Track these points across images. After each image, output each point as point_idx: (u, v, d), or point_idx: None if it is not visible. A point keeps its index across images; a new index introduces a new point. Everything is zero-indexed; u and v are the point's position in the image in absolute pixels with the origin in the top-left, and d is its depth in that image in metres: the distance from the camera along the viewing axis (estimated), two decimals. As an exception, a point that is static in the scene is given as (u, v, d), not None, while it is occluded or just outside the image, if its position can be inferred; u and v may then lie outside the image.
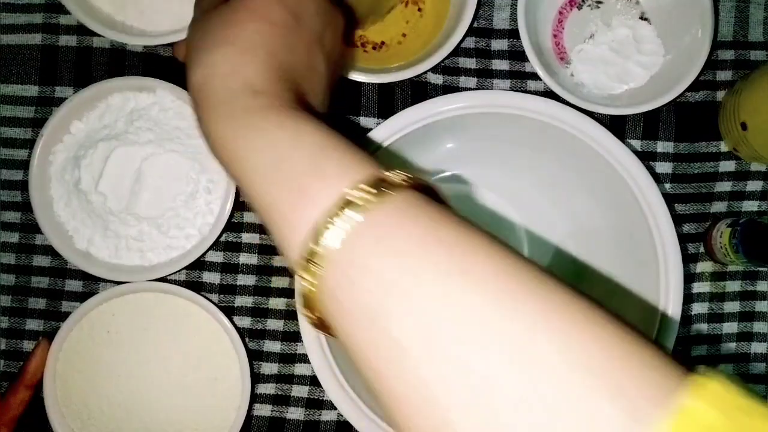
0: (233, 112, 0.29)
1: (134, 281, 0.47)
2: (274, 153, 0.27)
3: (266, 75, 0.30)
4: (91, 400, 0.48)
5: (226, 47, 0.30)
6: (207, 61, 0.30)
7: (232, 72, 0.30)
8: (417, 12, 0.49)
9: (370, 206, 0.24)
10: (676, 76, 0.47)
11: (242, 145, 0.28)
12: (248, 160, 0.27)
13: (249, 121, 0.28)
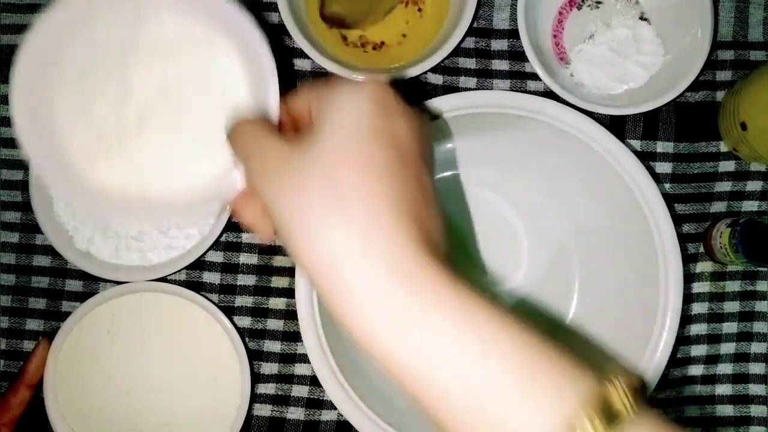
0: (390, 315, 0.24)
1: (134, 281, 0.47)
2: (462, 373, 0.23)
3: (405, 253, 0.25)
4: (91, 400, 0.48)
5: (342, 224, 0.25)
6: (323, 247, 0.25)
7: (361, 255, 0.25)
8: (417, 12, 0.49)
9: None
10: (676, 76, 0.47)
11: (414, 355, 0.24)
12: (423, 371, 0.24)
13: (415, 328, 0.24)
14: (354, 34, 0.49)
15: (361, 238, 0.25)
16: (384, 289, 0.24)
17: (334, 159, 0.26)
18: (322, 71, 0.50)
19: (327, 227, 0.25)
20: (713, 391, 0.51)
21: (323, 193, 0.26)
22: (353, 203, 0.25)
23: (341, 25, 0.48)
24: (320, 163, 0.26)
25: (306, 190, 0.26)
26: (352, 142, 0.26)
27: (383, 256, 0.25)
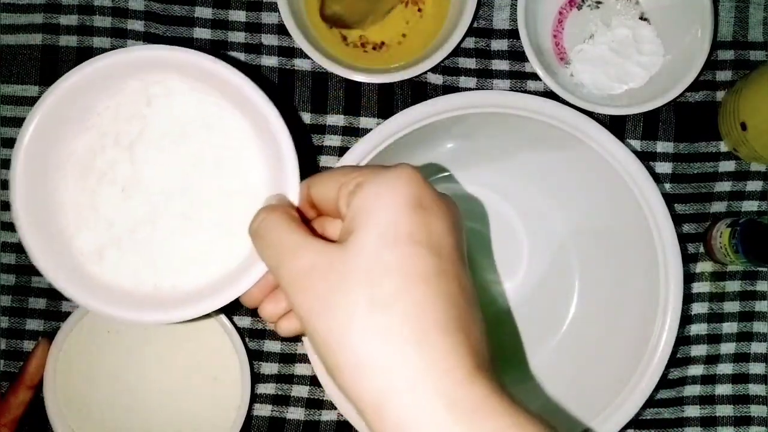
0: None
1: (134, 281, 0.47)
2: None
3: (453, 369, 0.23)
4: (91, 400, 0.48)
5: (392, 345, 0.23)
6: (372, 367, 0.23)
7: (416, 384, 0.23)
8: (417, 12, 0.49)
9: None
10: (676, 76, 0.47)
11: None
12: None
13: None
14: (354, 34, 0.49)
15: (412, 368, 0.23)
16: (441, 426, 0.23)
17: (375, 264, 0.24)
18: (322, 71, 0.50)
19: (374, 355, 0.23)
20: (713, 391, 0.51)
21: (365, 302, 0.24)
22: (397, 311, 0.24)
23: (341, 25, 0.48)
24: (360, 268, 0.25)
25: (345, 306, 0.24)
26: (393, 245, 0.25)
27: (435, 385, 0.23)
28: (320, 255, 0.26)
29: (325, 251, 0.26)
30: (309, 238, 0.27)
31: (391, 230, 0.25)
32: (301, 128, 0.50)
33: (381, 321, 0.24)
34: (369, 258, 0.25)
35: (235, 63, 0.50)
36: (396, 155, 0.44)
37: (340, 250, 0.25)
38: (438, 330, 0.24)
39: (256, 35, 0.50)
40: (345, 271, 0.25)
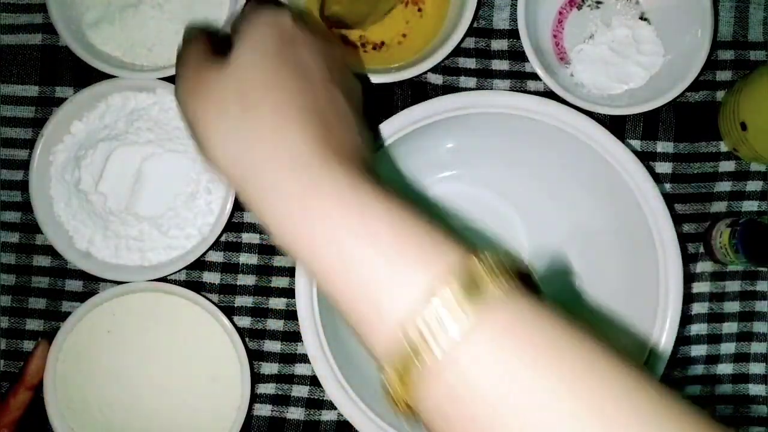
0: (286, 199, 0.27)
1: (134, 281, 0.47)
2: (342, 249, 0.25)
3: (307, 146, 0.28)
4: (91, 400, 0.48)
5: (255, 123, 0.29)
6: (237, 142, 0.29)
7: (270, 152, 0.28)
8: (417, 12, 0.49)
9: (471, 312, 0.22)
10: (676, 76, 0.47)
11: (306, 237, 0.27)
12: (315, 253, 0.26)
13: (306, 210, 0.27)
14: (354, 34, 0.49)
15: (267, 140, 0.28)
16: (285, 181, 0.27)
17: (245, 76, 0.30)
18: (322, 71, 0.50)
19: (237, 130, 0.29)
20: (713, 391, 0.51)
21: (235, 105, 0.29)
22: (261, 110, 0.29)
23: (341, 26, 0.48)
24: (233, 79, 0.30)
25: (220, 103, 0.29)
26: (262, 62, 0.30)
27: (288, 152, 0.28)
28: (204, 70, 0.31)
29: (208, 71, 0.31)
30: (202, 62, 0.32)
31: (261, 50, 0.30)
32: None
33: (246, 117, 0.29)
34: (242, 65, 0.30)
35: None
36: (396, 155, 0.44)
37: (219, 68, 0.30)
38: (296, 116, 0.29)
39: (256, 35, 0.50)
40: (223, 76, 0.30)
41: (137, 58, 0.48)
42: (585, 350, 0.23)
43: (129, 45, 0.48)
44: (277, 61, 0.30)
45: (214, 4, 0.48)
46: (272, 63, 0.30)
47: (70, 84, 0.50)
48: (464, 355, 0.22)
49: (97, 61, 0.46)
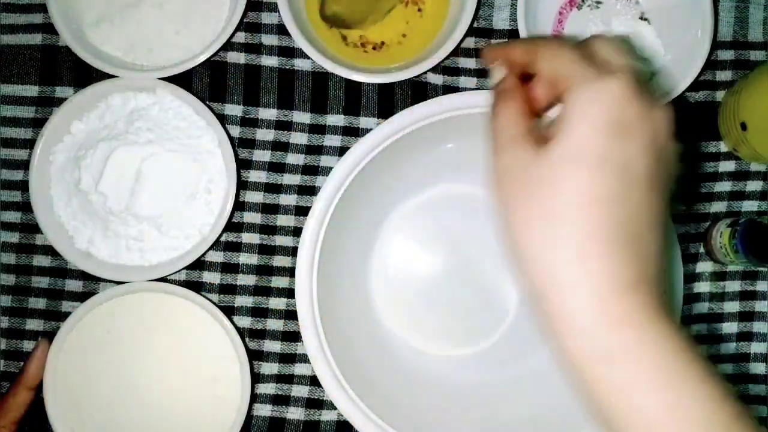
0: (592, 352, 0.26)
1: (134, 281, 0.47)
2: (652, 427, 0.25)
3: (613, 288, 0.26)
4: (91, 400, 0.48)
5: (560, 251, 0.27)
6: (541, 267, 0.27)
7: (573, 286, 0.26)
8: (417, 12, 0.49)
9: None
10: (676, 76, 0.47)
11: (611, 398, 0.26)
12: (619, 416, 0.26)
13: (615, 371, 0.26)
14: (354, 34, 0.49)
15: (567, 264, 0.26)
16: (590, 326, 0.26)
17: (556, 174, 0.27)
18: (322, 71, 0.50)
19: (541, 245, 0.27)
20: (713, 391, 0.50)
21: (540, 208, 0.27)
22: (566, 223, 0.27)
23: (341, 25, 0.48)
24: (544, 175, 0.27)
25: (527, 200, 0.28)
26: (578, 161, 0.27)
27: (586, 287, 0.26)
28: (520, 159, 0.29)
29: (524, 156, 0.28)
30: (520, 139, 0.29)
31: (581, 150, 0.27)
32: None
33: (548, 230, 0.27)
34: (554, 172, 0.27)
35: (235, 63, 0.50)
36: (396, 155, 0.44)
37: (536, 158, 0.28)
38: (599, 247, 0.26)
39: (256, 35, 0.50)
40: (531, 178, 0.28)
41: (137, 58, 0.48)
42: None
43: (129, 45, 0.48)
44: (598, 162, 0.27)
45: (214, 4, 0.48)
46: (594, 163, 0.27)
47: (70, 84, 0.50)
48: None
49: (97, 61, 0.46)
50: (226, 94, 0.50)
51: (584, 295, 0.26)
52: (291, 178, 0.50)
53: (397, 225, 0.49)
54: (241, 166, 0.50)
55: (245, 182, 0.50)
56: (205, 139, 0.47)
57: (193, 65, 0.46)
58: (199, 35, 0.48)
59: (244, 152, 0.50)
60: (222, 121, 0.48)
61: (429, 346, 0.49)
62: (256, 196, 0.50)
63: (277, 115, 0.50)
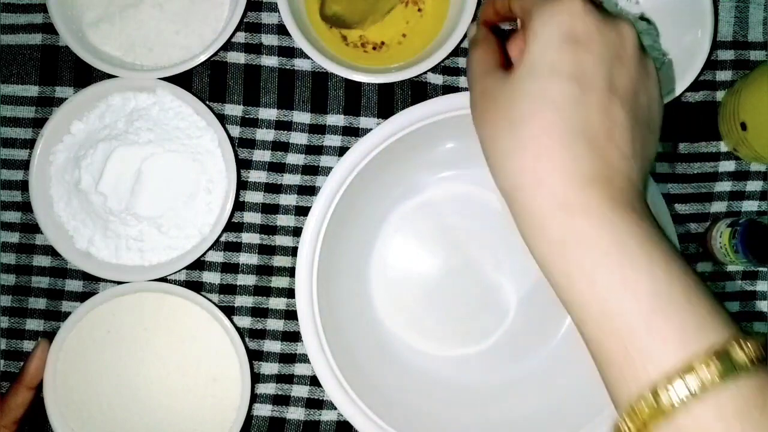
0: (552, 242, 0.29)
1: (134, 281, 0.47)
2: (602, 301, 0.27)
3: (570, 183, 0.28)
4: (91, 400, 0.48)
5: (521, 152, 0.29)
6: (508, 169, 0.30)
7: (535, 185, 0.29)
8: (417, 12, 0.49)
9: (716, 384, 0.24)
10: (676, 76, 0.47)
11: (566, 280, 0.28)
12: (574, 297, 0.28)
13: (569, 257, 0.28)
14: (354, 34, 0.49)
15: (529, 170, 0.29)
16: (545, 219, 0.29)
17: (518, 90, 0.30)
18: (322, 71, 0.50)
19: (508, 155, 0.30)
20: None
21: (504, 123, 0.30)
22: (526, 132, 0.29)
23: (341, 26, 0.48)
24: (508, 94, 0.31)
25: (495, 121, 0.31)
26: (537, 74, 0.30)
27: (547, 187, 0.29)
28: (490, 85, 0.32)
29: (494, 83, 0.32)
30: (490, 70, 0.33)
31: (537, 63, 0.30)
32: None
33: (514, 137, 0.30)
34: (515, 87, 0.30)
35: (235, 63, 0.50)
36: (396, 155, 0.44)
37: (504, 81, 0.31)
38: (555, 147, 0.29)
39: (256, 35, 0.50)
40: (500, 96, 0.31)
41: (137, 58, 0.48)
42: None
43: (129, 45, 0.48)
44: (551, 71, 0.29)
45: (214, 4, 0.48)
46: (547, 73, 0.30)
47: (70, 84, 0.50)
48: (705, 414, 0.24)
49: (97, 61, 0.46)
50: (226, 94, 0.50)
51: (545, 192, 0.29)
52: (291, 178, 0.50)
53: (397, 225, 0.49)
54: (241, 166, 0.50)
55: (245, 182, 0.50)
56: (205, 139, 0.47)
57: (193, 65, 0.46)
58: (199, 35, 0.48)
59: (244, 152, 0.50)
60: (222, 121, 0.48)
61: (429, 346, 0.49)
62: (256, 196, 0.50)
63: (277, 115, 0.50)
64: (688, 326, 0.25)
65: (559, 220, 0.28)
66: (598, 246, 0.27)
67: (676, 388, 0.24)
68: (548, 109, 0.29)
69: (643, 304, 0.26)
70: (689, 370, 0.24)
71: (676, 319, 0.26)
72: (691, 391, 0.24)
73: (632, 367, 0.26)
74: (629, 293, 0.26)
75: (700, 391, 0.24)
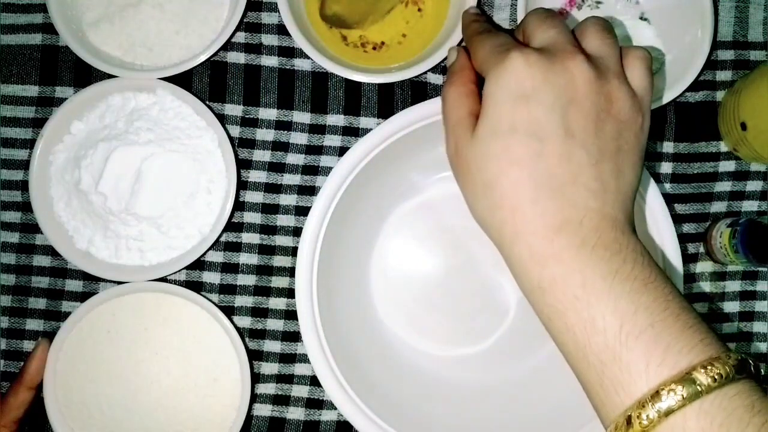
0: (532, 287, 0.31)
1: (134, 281, 0.47)
2: (576, 339, 0.30)
3: (541, 235, 0.31)
4: (91, 400, 0.48)
5: (500, 212, 0.32)
6: (492, 226, 0.33)
7: (513, 238, 0.31)
8: (417, 12, 0.49)
9: (681, 406, 0.26)
10: (676, 76, 0.47)
11: (547, 320, 0.31)
12: (556, 335, 0.31)
13: (546, 300, 0.31)
14: (354, 34, 0.49)
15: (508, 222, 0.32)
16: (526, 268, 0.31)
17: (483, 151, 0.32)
18: (322, 71, 0.50)
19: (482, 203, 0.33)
20: (713, 391, 0.51)
21: (479, 180, 0.33)
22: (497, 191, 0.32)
23: (341, 26, 0.48)
24: (476, 153, 0.33)
25: (467, 174, 0.34)
26: (497, 134, 0.32)
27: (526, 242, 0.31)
28: (461, 143, 0.34)
29: (463, 141, 0.34)
30: (462, 121, 0.34)
31: (495, 125, 0.32)
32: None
33: (489, 197, 0.32)
34: (480, 150, 0.32)
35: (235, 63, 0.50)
36: (396, 155, 0.44)
37: (470, 140, 0.33)
38: (525, 202, 0.31)
39: (256, 35, 0.50)
40: (471, 158, 0.33)
41: (137, 58, 0.48)
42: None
43: (129, 45, 0.48)
44: (510, 130, 0.31)
45: (215, 4, 0.48)
46: (507, 132, 0.31)
47: (70, 84, 0.50)
48: (686, 423, 0.26)
49: (97, 61, 0.46)
50: (226, 94, 0.50)
51: (522, 245, 0.31)
52: (291, 178, 0.50)
53: (397, 225, 0.49)
54: (241, 166, 0.50)
55: (245, 182, 0.50)
56: (205, 139, 0.47)
57: (193, 65, 0.46)
58: (199, 35, 0.48)
59: (244, 152, 0.50)
60: (222, 121, 0.48)
61: (429, 346, 0.49)
62: (256, 196, 0.50)
63: (277, 115, 0.50)
64: (653, 357, 0.27)
65: (536, 270, 0.31)
66: (567, 291, 0.30)
67: (647, 412, 0.26)
68: (513, 169, 0.31)
69: (609, 341, 0.28)
70: (657, 397, 0.26)
71: (641, 352, 0.27)
72: (658, 415, 0.26)
73: (608, 396, 0.28)
74: (598, 331, 0.28)
75: (666, 415, 0.26)
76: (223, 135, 0.47)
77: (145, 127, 0.47)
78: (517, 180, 0.31)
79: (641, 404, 0.26)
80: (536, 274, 0.31)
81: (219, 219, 0.47)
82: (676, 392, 0.26)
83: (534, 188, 0.31)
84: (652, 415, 0.26)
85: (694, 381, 0.26)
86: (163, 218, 0.47)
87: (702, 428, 0.25)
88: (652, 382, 0.27)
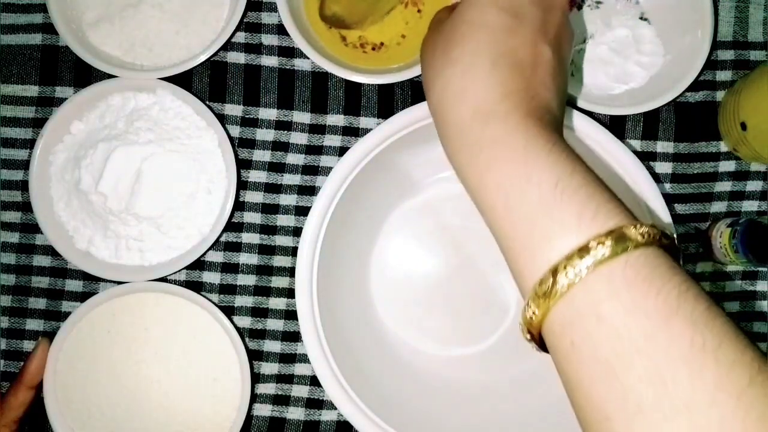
0: (468, 145, 0.30)
1: (134, 281, 0.47)
2: (507, 195, 0.29)
3: (491, 95, 0.31)
4: (91, 400, 0.48)
5: (451, 68, 0.32)
6: (437, 85, 0.32)
7: (459, 96, 0.31)
8: (416, 13, 0.49)
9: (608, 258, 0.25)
10: (676, 76, 0.47)
11: (478, 181, 0.30)
12: (485, 195, 0.30)
13: (481, 157, 0.30)
14: (353, 34, 0.49)
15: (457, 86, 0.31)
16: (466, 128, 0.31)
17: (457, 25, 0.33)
18: (322, 71, 0.50)
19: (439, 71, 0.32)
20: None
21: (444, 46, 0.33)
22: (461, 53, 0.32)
23: (341, 26, 0.48)
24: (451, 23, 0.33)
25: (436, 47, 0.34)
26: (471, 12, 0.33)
27: (472, 101, 0.31)
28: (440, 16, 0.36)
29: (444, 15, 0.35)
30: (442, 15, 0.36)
31: None
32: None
33: (447, 56, 0.32)
34: (458, 14, 0.33)
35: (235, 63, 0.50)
36: (396, 155, 0.44)
37: (447, 14, 0.35)
38: (484, 64, 0.31)
39: (256, 35, 0.50)
40: (445, 25, 0.34)
41: (137, 58, 0.48)
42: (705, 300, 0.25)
43: (129, 45, 0.48)
44: (492, 2, 0.32)
45: (215, 4, 0.48)
46: (488, 3, 0.32)
47: (70, 84, 0.50)
48: (596, 285, 0.25)
49: (97, 61, 0.46)
50: (226, 94, 0.50)
51: (466, 102, 0.31)
52: (291, 178, 0.50)
53: (397, 225, 0.49)
54: (241, 166, 0.50)
55: (245, 182, 0.50)
56: (205, 139, 0.47)
57: (193, 65, 0.46)
58: (199, 35, 0.48)
59: (244, 152, 0.50)
60: (222, 121, 0.48)
61: (429, 346, 0.49)
62: (256, 196, 0.50)
63: (277, 115, 0.50)
64: (585, 212, 0.27)
65: (477, 127, 0.30)
66: (507, 145, 0.29)
67: (573, 266, 0.25)
68: (482, 32, 0.32)
69: (544, 195, 0.27)
70: (586, 250, 0.25)
71: (575, 207, 0.27)
72: (586, 268, 0.25)
73: (536, 253, 0.27)
74: (532, 185, 0.28)
75: (594, 267, 0.25)
76: (223, 135, 0.47)
77: (145, 127, 0.47)
78: (483, 42, 0.31)
79: (568, 257, 0.26)
80: (476, 131, 0.30)
81: (219, 219, 0.47)
82: (605, 244, 0.25)
83: (497, 55, 0.31)
84: (580, 267, 0.25)
85: (624, 235, 0.26)
86: (163, 218, 0.47)
87: (627, 278, 0.25)
88: (582, 236, 0.26)
